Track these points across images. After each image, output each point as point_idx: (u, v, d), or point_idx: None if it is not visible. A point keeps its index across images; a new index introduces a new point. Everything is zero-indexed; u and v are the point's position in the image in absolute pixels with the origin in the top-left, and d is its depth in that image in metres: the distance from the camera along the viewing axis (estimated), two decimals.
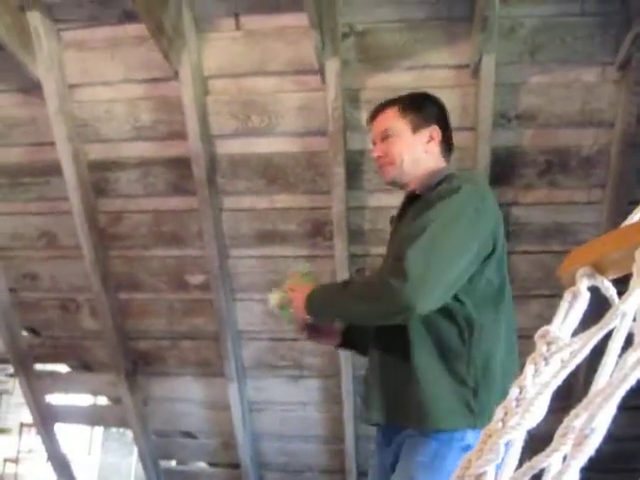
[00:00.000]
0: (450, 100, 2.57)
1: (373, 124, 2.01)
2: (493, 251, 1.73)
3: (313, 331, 2.02)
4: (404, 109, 1.94)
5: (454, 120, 2.57)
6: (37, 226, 3.15)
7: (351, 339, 2.10)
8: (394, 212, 2.10)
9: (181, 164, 2.84)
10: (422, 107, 1.98)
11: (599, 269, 0.56)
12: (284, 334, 3.09)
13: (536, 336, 0.53)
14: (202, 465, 3.87)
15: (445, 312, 1.69)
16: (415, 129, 1.93)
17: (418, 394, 1.71)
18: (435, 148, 1.96)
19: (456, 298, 1.67)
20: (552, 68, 2.55)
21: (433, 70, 2.58)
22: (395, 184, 1.97)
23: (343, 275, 2.88)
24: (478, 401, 1.64)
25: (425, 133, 1.94)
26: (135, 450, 3.62)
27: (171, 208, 2.99)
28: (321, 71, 2.56)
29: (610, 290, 0.56)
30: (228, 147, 2.81)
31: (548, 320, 0.55)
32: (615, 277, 0.57)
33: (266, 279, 3.03)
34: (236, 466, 3.57)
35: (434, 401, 1.65)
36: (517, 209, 2.76)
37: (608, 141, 2.61)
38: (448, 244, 1.63)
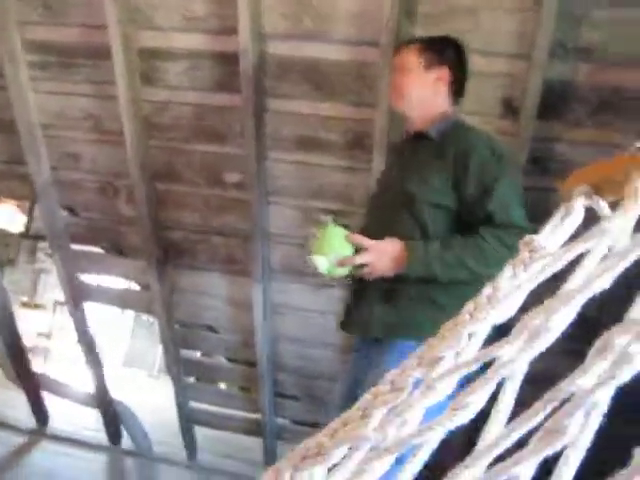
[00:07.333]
0: (507, 24, 2.51)
1: (395, 58, 2.13)
2: None
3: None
4: (423, 48, 2.03)
5: (509, 45, 2.52)
6: (83, 108, 3.18)
7: None
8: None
9: (229, 60, 2.82)
10: (441, 48, 2.05)
11: (598, 190, 0.56)
12: None
13: (521, 243, 0.54)
14: (221, 359, 3.99)
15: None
16: (427, 67, 2.02)
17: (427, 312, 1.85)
18: (443, 89, 2.06)
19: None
20: (621, 2, 2.44)
21: None
22: (404, 116, 2.12)
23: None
24: None
25: (435, 72, 2.03)
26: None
27: (215, 104, 2.99)
28: None
29: (605, 210, 0.57)
30: (278, 48, 2.77)
31: None
32: (614, 200, 0.57)
33: (301, 185, 3.04)
34: (253, 364, 3.67)
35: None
36: (562, 145, 2.71)
37: None
38: None
